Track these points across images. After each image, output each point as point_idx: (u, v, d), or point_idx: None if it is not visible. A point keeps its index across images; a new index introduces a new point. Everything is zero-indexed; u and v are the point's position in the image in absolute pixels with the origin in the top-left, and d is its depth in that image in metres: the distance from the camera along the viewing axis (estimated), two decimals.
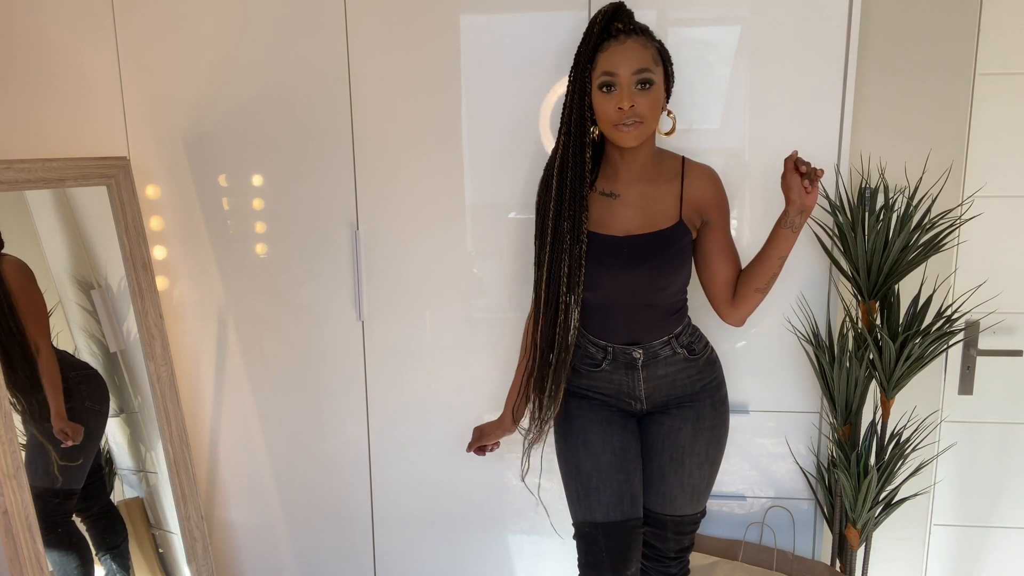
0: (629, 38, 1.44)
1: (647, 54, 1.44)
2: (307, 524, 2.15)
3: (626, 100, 1.42)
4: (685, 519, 1.64)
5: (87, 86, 1.96)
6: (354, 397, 2.04)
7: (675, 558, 1.68)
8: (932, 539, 2.08)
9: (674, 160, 1.58)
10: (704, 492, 1.64)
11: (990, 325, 1.95)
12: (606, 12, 1.46)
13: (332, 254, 1.96)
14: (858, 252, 1.66)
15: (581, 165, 1.49)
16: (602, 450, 1.59)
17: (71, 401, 1.85)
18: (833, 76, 1.75)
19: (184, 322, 2.06)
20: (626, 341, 1.58)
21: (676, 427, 1.60)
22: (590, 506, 1.59)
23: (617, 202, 1.54)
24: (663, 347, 1.58)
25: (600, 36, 1.45)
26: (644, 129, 1.45)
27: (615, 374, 1.60)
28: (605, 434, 1.60)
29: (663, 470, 1.61)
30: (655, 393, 1.60)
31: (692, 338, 1.62)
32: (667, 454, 1.61)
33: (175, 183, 1.99)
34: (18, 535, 1.55)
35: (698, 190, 1.56)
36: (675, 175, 1.56)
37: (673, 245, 1.53)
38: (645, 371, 1.59)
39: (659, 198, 1.55)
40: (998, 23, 1.81)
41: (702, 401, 1.60)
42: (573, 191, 1.50)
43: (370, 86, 1.87)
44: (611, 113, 1.44)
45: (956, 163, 1.84)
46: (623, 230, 1.53)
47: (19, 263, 1.75)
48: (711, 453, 1.62)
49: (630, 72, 1.42)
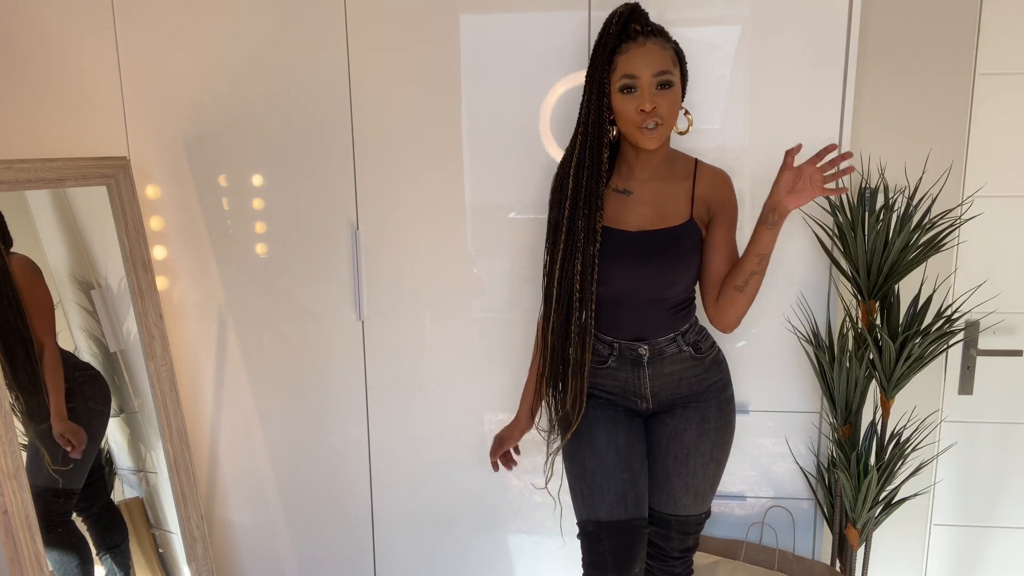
0: (648, 40, 1.44)
1: (666, 55, 1.44)
2: (307, 524, 2.15)
3: (648, 102, 1.42)
4: (690, 519, 1.64)
5: (87, 86, 1.96)
6: (354, 397, 2.04)
7: (679, 558, 1.68)
8: (932, 539, 2.08)
9: (687, 161, 1.60)
10: (708, 493, 1.64)
11: (990, 325, 1.95)
12: (622, 13, 1.46)
13: (332, 254, 1.96)
14: (858, 252, 1.66)
15: (598, 165, 1.50)
16: (606, 449, 1.59)
17: (73, 401, 1.85)
18: (833, 76, 1.75)
19: (184, 322, 2.06)
20: (632, 337, 1.58)
21: (681, 427, 1.60)
22: (594, 504, 1.59)
23: (630, 199, 1.56)
24: (669, 344, 1.58)
25: (618, 37, 1.45)
26: (664, 131, 1.47)
27: (621, 371, 1.60)
28: (610, 433, 1.60)
29: (668, 470, 1.61)
30: (661, 392, 1.60)
31: (698, 337, 1.62)
32: (672, 455, 1.60)
33: (175, 183, 1.99)
34: (18, 535, 1.55)
35: (709, 189, 1.57)
36: (687, 175, 1.58)
37: (683, 242, 1.54)
38: (651, 368, 1.59)
39: (671, 196, 1.56)
40: (998, 23, 1.81)
41: (707, 401, 1.60)
42: (589, 190, 1.50)
43: (370, 86, 1.87)
44: (633, 115, 1.45)
45: (956, 163, 1.84)
46: (636, 226, 1.54)
47: (27, 261, 1.75)
48: (716, 454, 1.61)
49: (651, 74, 1.43)
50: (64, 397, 1.81)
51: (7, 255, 1.71)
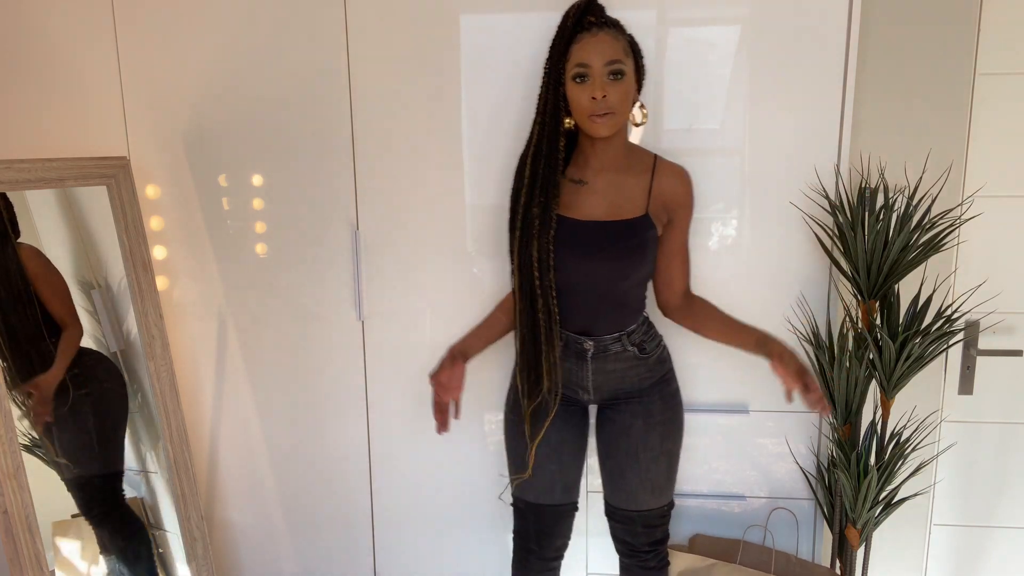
0: (601, 30, 1.48)
1: (618, 45, 1.48)
2: (307, 524, 2.15)
3: (599, 90, 1.46)
4: (651, 513, 1.67)
5: (87, 86, 1.96)
6: (354, 397, 2.04)
7: (650, 551, 1.70)
8: (932, 539, 2.08)
9: (646, 156, 1.62)
10: (665, 485, 1.67)
11: (990, 325, 1.95)
12: (579, 6, 1.51)
13: (332, 254, 1.96)
14: (858, 252, 1.66)
15: (554, 153, 1.54)
16: (540, 443, 1.66)
17: (88, 386, 1.86)
18: (833, 76, 1.75)
19: (184, 322, 2.06)
20: (579, 330, 1.62)
21: (628, 423, 1.64)
22: (523, 487, 1.71)
23: (584, 188, 1.58)
24: (614, 342, 1.62)
25: (574, 29, 1.50)
26: (616, 120, 1.49)
27: (566, 361, 1.64)
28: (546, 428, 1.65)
29: (621, 467, 1.65)
30: (604, 386, 1.65)
31: (645, 337, 1.65)
32: (623, 451, 1.64)
33: (175, 183, 1.99)
34: (18, 535, 1.55)
35: (668, 187, 1.60)
36: (646, 169, 1.60)
37: (635, 236, 1.56)
38: (594, 364, 1.63)
39: (627, 188, 1.58)
40: (998, 23, 1.81)
41: (651, 396, 1.64)
42: (545, 178, 1.54)
43: (370, 86, 1.87)
44: (585, 103, 1.48)
45: (956, 163, 1.84)
46: (587, 215, 1.57)
47: (35, 250, 1.78)
48: (666, 446, 1.65)
49: (603, 63, 1.46)
50: (67, 365, 1.81)
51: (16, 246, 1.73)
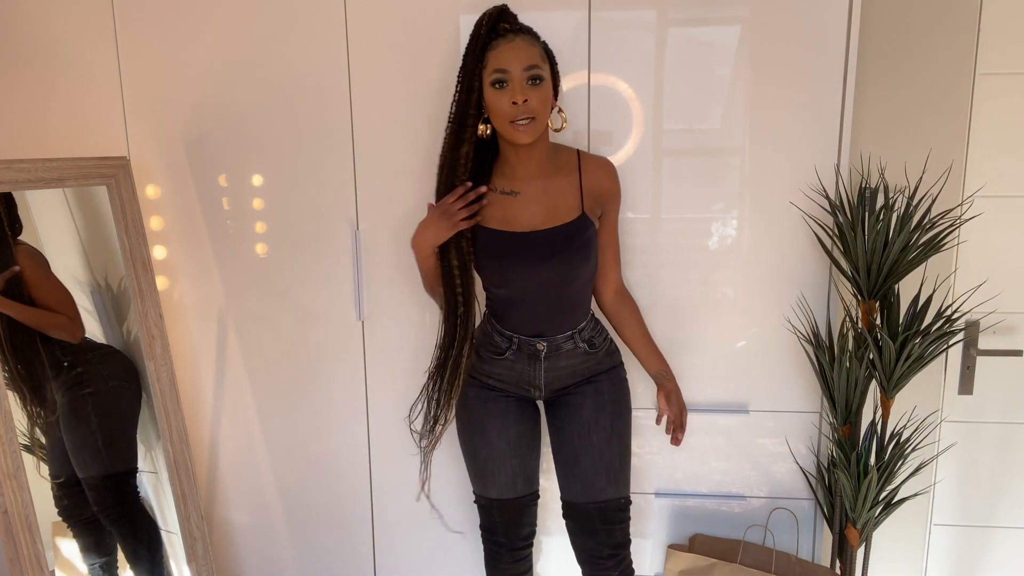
0: (517, 36, 1.50)
1: (534, 51, 1.50)
2: (307, 524, 2.15)
3: (519, 94, 1.47)
4: (609, 505, 1.65)
5: (87, 86, 1.96)
6: (354, 397, 2.04)
7: (611, 556, 1.67)
8: (932, 539, 2.08)
9: (570, 154, 1.63)
10: (620, 472, 1.66)
11: (990, 325, 1.95)
12: (492, 14, 1.52)
13: (332, 254, 1.96)
14: (858, 252, 1.66)
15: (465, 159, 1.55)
16: (497, 439, 1.69)
17: (92, 385, 1.86)
18: (833, 76, 1.75)
19: (184, 322, 2.06)
20: (532, 333, 1.64)
21: (578, 403, 1.67)
22: (485, 484, 1.73)
23: (518, 199, 1.59)
24: (566, 341, 1.65)
25: (488, 36, 1.51)
26: (537, 125, 1.50)
27: (518, 363, 1.66)
28: (501, 425, 1.69)
29: (575, 451, 1.66)
30: (554, 381, 1.68)
31: (594, 333, 1.68)
32: (575, 432, 1.66)
33: (175, 183, 1.99)
34: (18, 535, 1.55)
35: (597, 181, 1.62)
36: (572, 168, 1.62)
37: (578, 237, 1.57)
38: (547, 362, 1.65)
39: (560, 192, 1.59)
40: (998, 23, 1.81)
41: (599, 378, 1.68)
42: (451, 186, 1.56)
43: (370, 86, 1.87)
44: (506, 108, 1.48)
45: (956, 163, 1.84)
46: (527, 225, 1.58)
47: (33, 251, 1.77)
48: (616, 427, 1.66)
49: (521, 68, 1.47)
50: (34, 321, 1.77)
51: (14, 244, 1.73)
